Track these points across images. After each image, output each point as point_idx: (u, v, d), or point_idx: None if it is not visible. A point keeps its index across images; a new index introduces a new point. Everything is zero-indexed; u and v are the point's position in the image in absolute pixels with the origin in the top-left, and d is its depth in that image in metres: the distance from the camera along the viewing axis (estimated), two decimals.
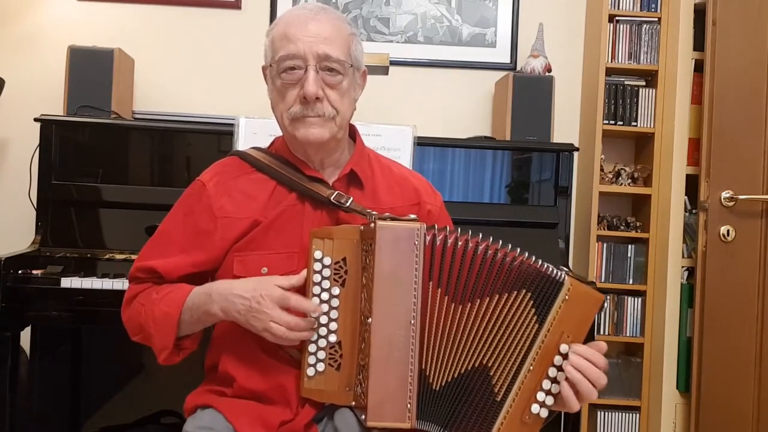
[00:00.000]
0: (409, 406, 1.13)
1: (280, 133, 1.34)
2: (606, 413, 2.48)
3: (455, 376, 1.16)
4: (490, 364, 1.16)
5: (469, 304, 1.16)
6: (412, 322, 1.14)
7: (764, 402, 2.20)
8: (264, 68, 1.32)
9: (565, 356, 1.14)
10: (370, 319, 1.13)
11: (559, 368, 1.14)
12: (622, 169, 2.59)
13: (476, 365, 1.16)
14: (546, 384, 1.15)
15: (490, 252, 1.16)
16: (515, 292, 1.15)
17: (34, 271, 1.92)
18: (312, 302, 1.17)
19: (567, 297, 1.15)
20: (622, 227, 2.57)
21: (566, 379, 1.13)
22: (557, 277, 1.15)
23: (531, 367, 1.15)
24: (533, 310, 1.15)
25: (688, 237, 2.40)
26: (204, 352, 1.36)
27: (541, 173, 2.26)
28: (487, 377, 1.15)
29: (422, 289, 1.15)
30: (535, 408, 1.15)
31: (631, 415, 2.48)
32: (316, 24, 1.24)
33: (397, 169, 1.43)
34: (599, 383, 1.13)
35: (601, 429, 2.47)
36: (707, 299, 2.24)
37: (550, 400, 1.15)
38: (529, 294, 1.15)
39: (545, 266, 1.16)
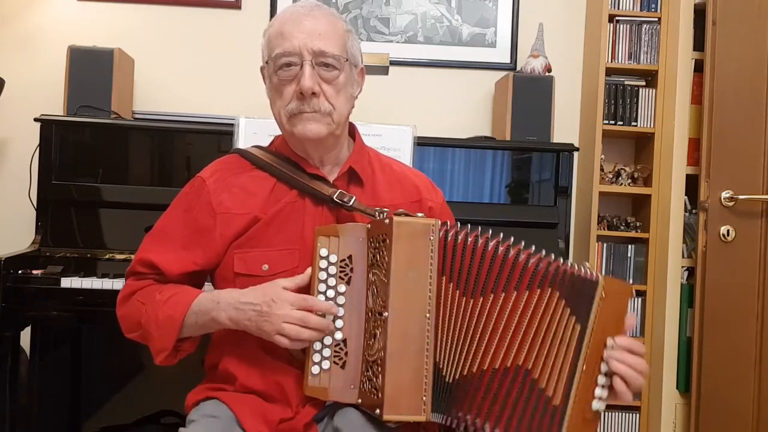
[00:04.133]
0: (424, 399, 1.13)
1: (280, 132, 1.34)
2: (606, 413, 2.48)
3: (475, 371, 1.15)
4: (530, 367, 1.14)
5: (482, 298, 1.16)
6: (428, 316, 1.14)
7: (764, 402, 2.20)
8: (262, 68, 1.32)
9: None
10: (386, 313, 1.13)
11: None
12: (622, 169, 2.59)
13: (508, 365, 1.14)
14: (600, 380, 1.15)
15: (501, 249, 1.16)
16: (539, 290, 1.15)
17: (34, 271, 1.92)
18: (328, 303, 1.16)
19: (603, 294, 1.15)
20: (622, 227, 2.57)
21: (614, 374, 1.14)
22: (592, 278, 1.15)
23: (584, 368, 1.14)
24: (568, 310, 1.14)
25: (688, 237, 2.40)
26: (203, 352, 1.36)
27: (541, 173, 2.26)
28: (532, 381, 1.14)
29: (437, 283, 1.16)
30: (595, 405, 1.15)
31: (631, 415, 2.48)
32: (310, 20, 1.25)
33: (398, 167, 1.43)
34: (643, 370, 1.15)
35: (601, 429, 2.47)
36: (707, 299, 2.25)
37: (605, 393, 1.16)
38: (558, 293, 1.15)
39: (576, 267, 1.16)
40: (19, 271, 1.89)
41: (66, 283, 1.88)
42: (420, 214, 1.20)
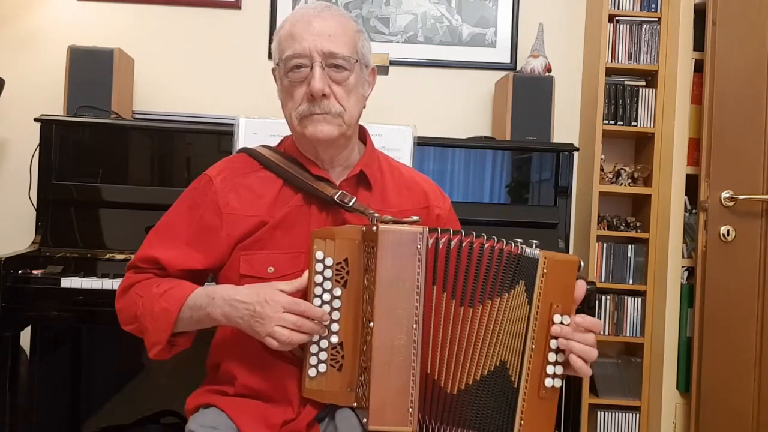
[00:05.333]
0: (410, 410, 1.13)
1: (281, 133, 1.35)
2: (606, 413, 2.48)
3: (476, 378, 1.16)
4: (506, 359, 1.17)
5: (480, 306, 1.16)
6: (414, 326, 1.14)
7: (764, 402, 2.20)
8: (273, 70, 1.32)
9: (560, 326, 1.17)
10: (372, 323, 1.13)
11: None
12: (622, 169, 2.59)
13: (497, 365, 1.17)
14: (552, 357, 1.17)
15: (486, 245, 1.17)
16: (517, 286, 1.17)
17: (34, 271, 1.92)
18: (322, 309, 1.16)
19: (545, 270, 1.17)
20: (622, 227, 2.57)
21: (569, 351, 1.16)
22: (532, 256, 1.18)
23: (533, 346, 1.17)
24: (525, 294, 1.17)
25: (688, 237, 2.40)
26: (204, 353, 1.36)
27: (541, 173, 2.26)
28: (505, 371, 1.17)
29: (425, 293, 1.15)
30: (548, 382, 1.17)
31: (631, 415, 2.48)
32: (320, 21, 1.25)
33: (407, 172, 1.43)
34: (593, 343, 1.17)
35: (601, 429, 2.47)
36: (707, 299, 2.25)
37: (560, 370, 1.18)
38: (523, 281, 1.17)
39: (519, 247, 1.18)
40: (19, 271, 1.89)
41: (66, 283, 1.88)
42: (415, 218, 1.19)
